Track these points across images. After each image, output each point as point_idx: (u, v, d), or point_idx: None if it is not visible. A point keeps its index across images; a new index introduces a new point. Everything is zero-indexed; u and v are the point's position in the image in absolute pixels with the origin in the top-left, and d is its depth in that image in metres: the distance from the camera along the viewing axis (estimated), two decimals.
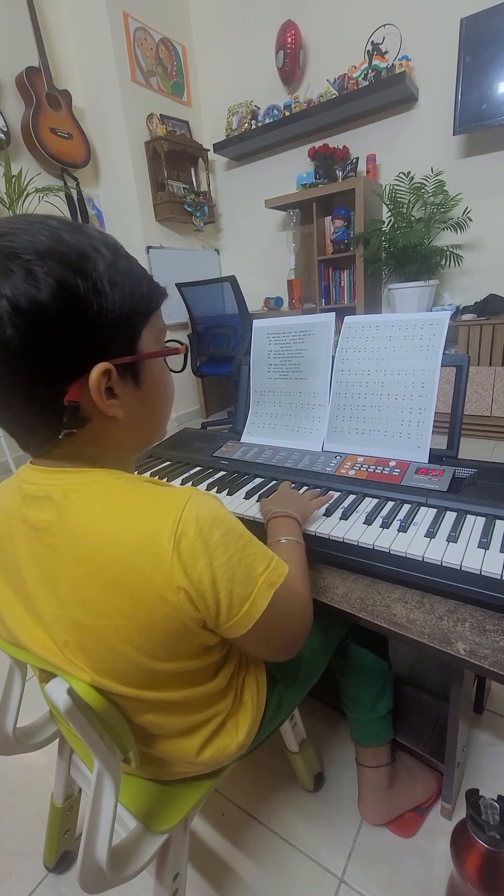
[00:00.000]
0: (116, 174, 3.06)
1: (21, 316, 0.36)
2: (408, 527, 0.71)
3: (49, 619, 0.46)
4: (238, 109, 3.22)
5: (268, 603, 0.46)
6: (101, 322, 0.40)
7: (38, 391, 0.40)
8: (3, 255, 0.36)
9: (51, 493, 0.44)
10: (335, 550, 0.72)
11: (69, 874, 0.82)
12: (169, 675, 0.47)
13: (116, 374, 0.43)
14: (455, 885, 0.70)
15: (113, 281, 0.41)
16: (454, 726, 0.74)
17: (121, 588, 0.41)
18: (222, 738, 0.57)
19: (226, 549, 0.43)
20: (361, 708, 0.83)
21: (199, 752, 0.55)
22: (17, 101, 2.62)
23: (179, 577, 0.41)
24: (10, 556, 0.48)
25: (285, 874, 0.79)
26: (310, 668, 0.72)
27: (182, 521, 0.41)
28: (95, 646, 0.44)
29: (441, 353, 0.87)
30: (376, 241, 2.67)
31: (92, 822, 0.48)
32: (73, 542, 0.43)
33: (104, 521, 0.42)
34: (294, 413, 1.05)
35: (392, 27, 2.60)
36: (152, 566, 0.41)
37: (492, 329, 2.49)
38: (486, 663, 0.53)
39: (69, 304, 0.38)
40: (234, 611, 0.44)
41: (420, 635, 0.58)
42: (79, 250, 0.39)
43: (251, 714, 0.59)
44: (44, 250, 0.37)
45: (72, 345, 0.39)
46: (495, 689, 1.09)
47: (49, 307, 0.37)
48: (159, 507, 0.42)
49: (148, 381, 0.47)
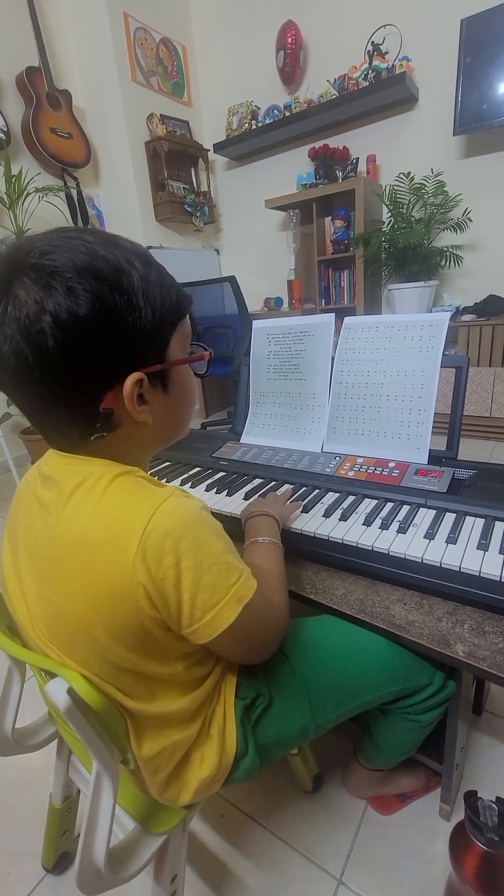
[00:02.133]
0: (116, 174, 3.06)
1: (62, 330, 0.38)
2: (407, 528, 0.71)
3: (30, 592, 0.48)
4: (238, 109, 3.22)
5: (236, 616, 0.45)
6: (135, 334, 0.43)
7: (76, 399, 0.43)
8: (47, 272, 0.38)
9: (56, 475, 0.47)
10: (334, 551, 0.72)
11: (67, 875, 0.81)
12: (133, 675, 0.46)
13: (147, 383, 0.45)
14: (453, 887, 0.70)
15: (146, 294, 0.43)
16: (453, 728, 0.74)
17: (87, 576, 0.42)
18: (186, 770, 0.53)
19: (196, 553, 0.43)
20: (383, 752, 0.77)
21: (163, 791, 0.53)
22: (18, 101, 2.62)
23: (141, 573, 0.41)
24: (18, 527, 0.51)
25: (284, 875, 0.79)
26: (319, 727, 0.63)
27: (155, 519, 0.42)
28: (61, 626, 0.45)
29: (440, 354, 0.87)
30: (376, 242, 2.67)
31: (90, 823, 0.48)
32: (58, 523, 0.45)
33: (85, 510, 0.44)
34: (293, 414, 1.05)
35: (392, 27, 2.60)
36: (115, 560, 0.41)
37: (492, 330, 2.49)
38: (484, 665, 0.53)
39: (106, 318, 0.40)
40: (197, 616, 0.44)
41: (419, 637, 0.58)
42: (115, 266, 0.41)
43: (216, 752, 0.54)
44: (82, 267, 0.39)
45: (108, 356, 0.42)
46: (494, 690, 1.09)
47: (88, 321, 0.39)
48: (136, 502, 0.43)
49: (175, 387, 0.49)
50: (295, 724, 0.60)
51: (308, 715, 0.60)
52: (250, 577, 0.48)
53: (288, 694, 0.59)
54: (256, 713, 0.58)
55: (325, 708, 0.61)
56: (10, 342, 0.39)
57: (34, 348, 0.39)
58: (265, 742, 0.59)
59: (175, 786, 0.53)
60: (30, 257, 0.39)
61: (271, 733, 0.59)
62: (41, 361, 0.39)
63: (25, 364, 0.39)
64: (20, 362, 0.40)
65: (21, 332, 0.39)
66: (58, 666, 0.45)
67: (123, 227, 3.15)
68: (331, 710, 0.62)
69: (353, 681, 0.63)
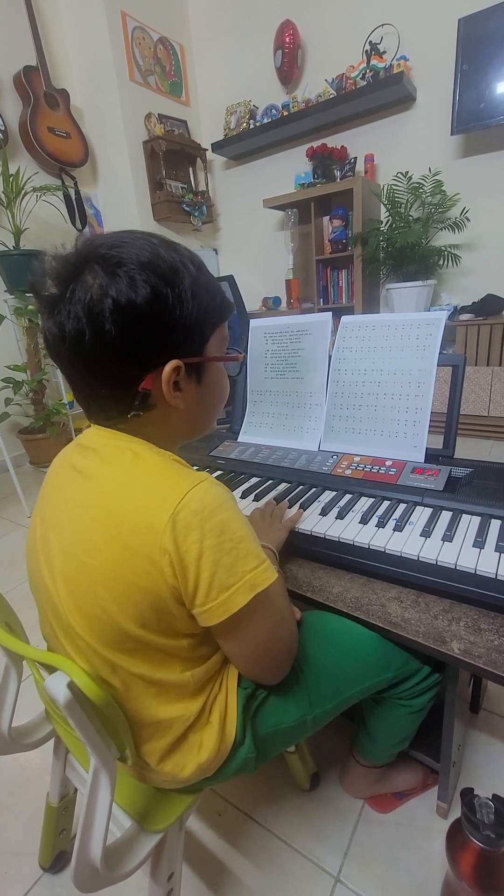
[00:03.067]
0: (114, 173, 3.06)
1: (119, 313, 0.44)
2: (403, 526, 0.71)
3: (54, 549, 0.51)
4: (236, 109, 3.21)
5: (246, 602, 0.47)
6: (179, 326, 0.48)
7: (121, 376, 0.48)
8: (114, 262, 0.45)
9: (97, 446, 0.52)
10: (331, 550, 0.72)
11: (65, 874, 0.81)
12: (135, 640, 0.48)
13: (184, 371, 0.50)
14: (450, 885, 0.70)
15: (194, 293, 0.49)
16: (450, 725, 0.74)
17: (118, 536, 0.46)
18: (183, 752, 0.54)
19: (220, 535, 0.46)
20: (379, 744, 0.80)
21: (160, 761, 0.53)
22: (15, 100, 2.62)
23: (168, 541, 0.44)
24: (51, 495, 0.55)
25: (281, 873, 0.79)
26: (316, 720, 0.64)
27: (189, 496, 0.46)
28: (82, 582, 0.48)
29: (437, 352, 0.87)
30: (374, 241, 2.67)
31: (87, 820, 0.48)
32: (95, 486, 0.50)
33: (123, 477, 0.49)
34: (291, 413, 1.05)
35: (390, 27, 2.60)
36: (148, 525, 0.45)
37: (489, 329, 2.49)
38: (480, 662, 0.53)
39: (158, 308, 0.46)
40: (213, 595, 0.46)
41: (415, 634, 0.58)
42: (171, 265, 0.47)
43: (215, 738, 0.55)
44: (145, 262, 0.45)
45: (153, 341, 0.47)
46: (491, 689, 1.09)
47: (142, 308, 0.45)
48: (172, 479, 0.48)
49: (208, 381, 0.55)
50: (292, 715, 0.61)
51: (306, 705, 0.61)
52: (269, 569, 0.49)
53: (286, 685, 0.60)
54: (256, 703, 0.59)
55: (322, 698, 0.62)
56: (74, 320, 0.45)
57: (93, 327, 0.44)
58: (263, 733, 0.59)
59: (172, 761, 0.54)
60: (101, 249, 0.45)
61: (269, 724, 0.60)
62: (97, 339, 0.45)
63: (83, 340, 0.45)
64: (79, 338, 0.45)
65: (84, 310, 0.44)
66: (58, 659, 0.45)
67: (121, 227, 3.08)
68: (328, 699, 0.63)
69: (349, 669, 0.64)
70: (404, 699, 0.71)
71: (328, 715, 0.64)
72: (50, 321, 0.47)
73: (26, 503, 2.17)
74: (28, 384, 2.56)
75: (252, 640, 0.52)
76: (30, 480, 2.59)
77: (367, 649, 0.65)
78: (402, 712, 0.72)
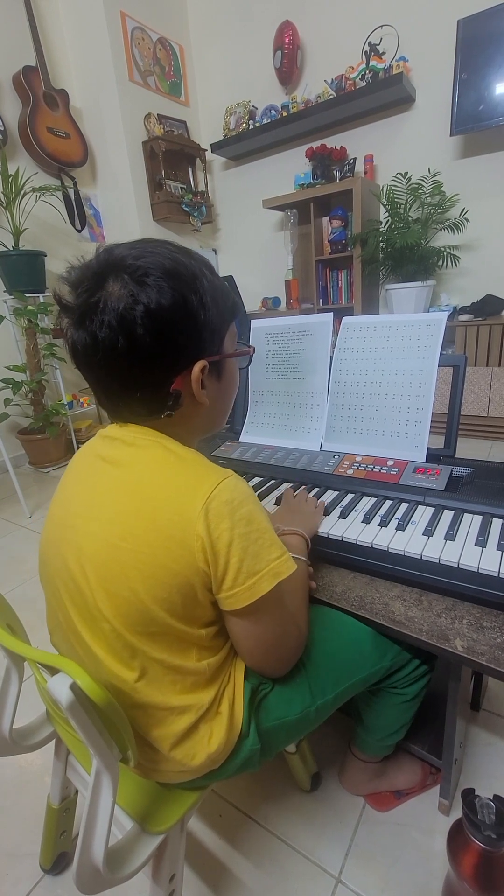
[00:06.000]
0: (114, 174, 3.06)
1: (151, 318, 0.47)
2: (406, 525, 0.72)
3: (81, 534, 0.53)
4: (236, 109, 3.22)
5: (270, 589, 0.50)
6: (205, 328, 0.51)
7: (152, 380, 0.51)
8: (143, 272, 0.47)
9: (126, 437, 0.54)
10: (334, 549, 0.72)
11: (66, 876, 0.81)
12: (158, 624, 0.50)
13: (208, 370, 0.53)
14: (451, 885, 0.70)
15: (213, 296, 0.52)
16: (452, 723, 0.74)
17: (153, 521, 0.49)
18: (194, 742, 0.54)
19: (248, 524, 0.49)
20: (376, 735, 0.81)
21: (173, 747, 0.53)
22: (14, 101, 2.62)
23: (201, 527, 0.47)
24: (74, 480, 0.58)
25: (282, 874, 0.79)
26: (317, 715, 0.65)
27: (219, 488, 0.49)
28: (114, 565, 0.49)
29: (438, 353, 0.87)
30: (374, 242, 2.67)
31: (89, 822, 0.48)
32: (127, 473, 0.52)
33: (156, 465, 0.52)
34: (292, 413, 1.05)
35: (389, 28, 2.61)
36: (182, 512, 0.48)
37: (489, 329, 2.50)
38: (483, 659, 0.53)
39: (185, 313, 0.49)
40: (240, 580, 0.49)
41: (418, 632, 0.59)
42: (192, 271, 0.50)
43: (224, 728, 0.56)
44: (169, 270, 0.48)
45: (183, 344, 0.50)
46: (492, 688, 1.09)
47: (171, 314, 0.48)
48: (203, 471, 0.51)
49: (225, 376, 0.59)
50: (296, 707, 0.62)
51: (308, 697, 0.62)
52: (290, 560, 0.52)
53: (288, 678, 0.62)
54: (260, 696, 0.60)
55: (323, 689, 0.64)
56: (107, 329, 0.46)
57: (126, 334, 0.46)
58: (266, 726, 0.60)
59: (183, 749, 0.54)
60: (127, 259, 0.48)
61: (273, 717, 0.61)
62: (131, 345, 0.47)
63: (116, 347, 0.47)
64: (113, 346, 0.47)
65: (117, 319, 0.46)
66: (61, 661, 0.45)
67: (121, 227, 3.15)
68: (329, 689, 0.64)
69: (348, 659, 0.66)
70: (399, 688, 0.74)
71: (329, 706, 0.65)
72: (81, 331, 0.48)
73: (25, 504, 2.17)
74: (27, 385, 2.55)
75: (266, 628, 0.54)
76: (29, 481, 2.59)
77: (364, 640, 0.67)
78: (397, 701, 0.75)
